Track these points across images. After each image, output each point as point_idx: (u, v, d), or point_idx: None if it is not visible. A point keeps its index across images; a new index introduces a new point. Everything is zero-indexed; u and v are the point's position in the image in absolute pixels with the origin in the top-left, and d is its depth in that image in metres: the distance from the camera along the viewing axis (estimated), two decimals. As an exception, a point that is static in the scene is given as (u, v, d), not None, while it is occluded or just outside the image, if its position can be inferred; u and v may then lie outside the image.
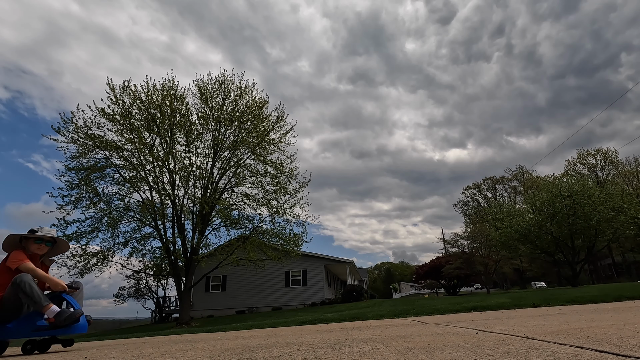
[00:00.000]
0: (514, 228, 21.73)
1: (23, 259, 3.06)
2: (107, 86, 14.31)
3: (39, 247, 3.24)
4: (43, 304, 2.92)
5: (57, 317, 2.91)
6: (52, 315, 2.91)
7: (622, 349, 1.21)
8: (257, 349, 2.12)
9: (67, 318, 2.91)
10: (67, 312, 2.96)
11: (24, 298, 2.91)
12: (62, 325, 2.91)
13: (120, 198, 14.63)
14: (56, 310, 2.93)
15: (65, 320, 2.90)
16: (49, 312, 2.92)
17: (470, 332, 2.22)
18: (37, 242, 3.24)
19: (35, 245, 3.23)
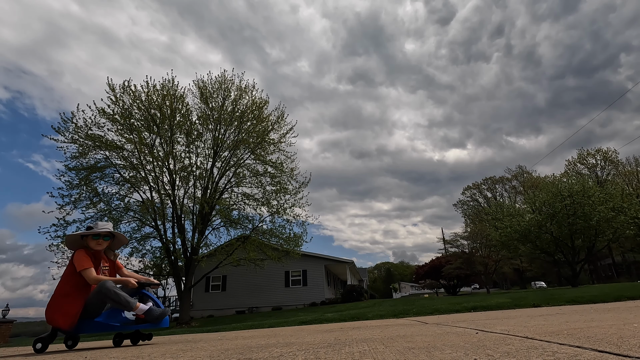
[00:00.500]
0: (514, 228, 21.73)
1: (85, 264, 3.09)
2: (107, 86, 14.33)
3: (97, 242, 3.27)
4: (132, 306, 3.03)
5: (147, 314, 3.06)
6: (142, 312, 3.06)
7: (622, 349, 1.21)
8: (257, 349, 2.12)
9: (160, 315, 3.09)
10: (157, 310, 3.11)
11: (112, 304, 3.03)
12: (153, 321, 3.07)
13: (120, 198, 14.63)
14: (145, 308, 3.06)
15: (157, 318, 3.07)
16: (138, 310, 3.06)
17: (470, 332, 2.23)
18: (94, 238, 3.27)
19: (93, 241, 3.26)
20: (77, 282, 3.07)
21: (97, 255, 3.27)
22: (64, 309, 2.99)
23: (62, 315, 2.97)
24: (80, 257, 3.09)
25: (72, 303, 3.01)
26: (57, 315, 2.98)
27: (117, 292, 3.00)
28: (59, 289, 3.07)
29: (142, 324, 3.10)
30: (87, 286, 3.11)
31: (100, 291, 2.99)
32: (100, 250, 3.31)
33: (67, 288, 3.05)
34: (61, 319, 2.96)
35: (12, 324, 17.28)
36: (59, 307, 3.00)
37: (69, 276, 3.09)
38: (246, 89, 16.51)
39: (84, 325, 3.05)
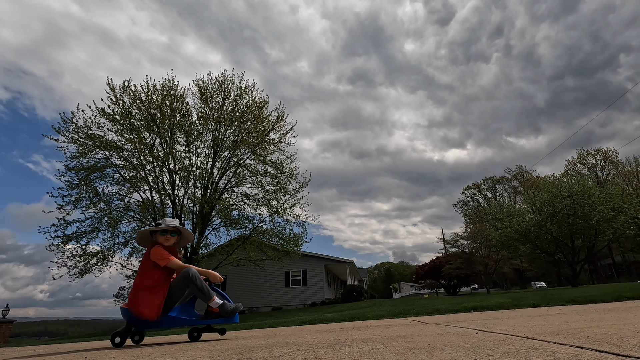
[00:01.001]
0: (514, 228, 21.73)
1: (167, 255, 3.20)
2: (107, 86, 14.34)
3: (165, 238, 3.33)
4: (211, 296, 3.12)
5: (221, 308, 3.12)
6: (216, 306, 3.11)
7: (622, 349, 1.21)
8: (257, 349, 2.12)
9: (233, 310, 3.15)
10: (230, 305, 3.17)
11: (194, 290, 3.11)
12: (226, 315, 3.12)
13: (120, 198, 14.63)
14: (219, 302, 3.13)
15: (230, 312, 3.13)
16: (213, 303, 3.11)
17: (470, 332, 2.22)
18: (162, 233, 3.34)
19: (162, 237, 3.33)
20: (158, 276, 3.16)
21: (171, 250, 3.35)
22: (148, 300, 3.08)
23: (148, 307, 3.06)
24: (161, 252, 3.20)
25: (156, 294, 3.10)
26: (142, 307, 3.07)
27: (201, 279, 3.10)
28: (139, 284, 3.17)
29: (216, 318, 3.14)
30: (167, 280, 3.20)
31: (187, 276, 3.07)
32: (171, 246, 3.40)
33: (150, 282, 3.14)
34: (147, 310, 3.05)
35: (12, 324, 17.29)
36: (143, 300, 3.09)
37: (149, 271, 3.18)
38: (246, 89, 16.52)
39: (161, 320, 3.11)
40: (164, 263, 3.15)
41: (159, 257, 3.16)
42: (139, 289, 3.15)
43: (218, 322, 3.18)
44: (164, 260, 3.15)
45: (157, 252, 3.19)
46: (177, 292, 3.18)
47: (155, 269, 3.17)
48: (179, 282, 3.14)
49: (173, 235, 3.39)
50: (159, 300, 3.09)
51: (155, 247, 3.23)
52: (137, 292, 3.14)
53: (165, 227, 3.33)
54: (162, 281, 3.17)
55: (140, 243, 3.51)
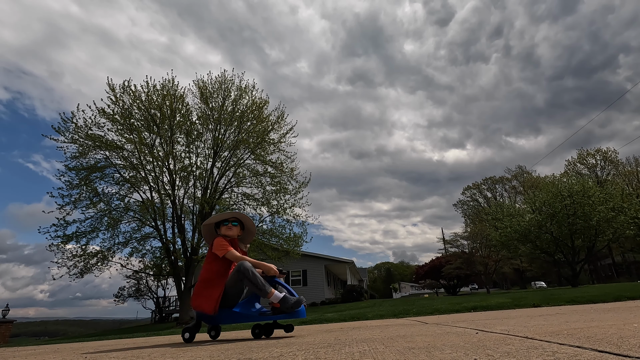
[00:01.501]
0: (514, 228, 21.73)
1: (226, 246, 3.12)
2: (107, 86, 14.33)
3: (227, 228, 3.28)
4: (268, 290, 2.96)
5: (282, 303, 2.94)
6: (277, 300, 2.95)
7: (622, 349, 1.21)
8: (257, 348, 2.12)
9: (295, 304, 2.94)
10: (292, 298, 2.97)
11: (247, 284, 2.99)
12: (288, 310, 2.94)
13: (120, 198, 14.63)
14: (280, 296, 2.96)
15: (292, 306, 2.94)
16: (273, 297, 2.96)
17: (470, 332, 2.22)
18: (224, 223, 3.30)
19: (224, 227, 3.28)
20: (217, 268, 3.11)
21: (234, 243, 3.30)
22: (206, 293, 3.03)
23: (205, 299, 3.00)
24: (221, 243, 3.14)
25: (214, 287, 3.04)
26: (200, 299, 3.03)
27: (254, 273, 2.98)
28: (200, 276, 3.14)
29: (278, 314, 2.97)
30: (226, 274, 3.12)
31: (239, 270, 2.98)
32: (233, 237, 3.33)
33: (209, 274, 3.10)
34: (204, 303, 3.00)
35: (12, 324, 17.28)
36: (201, 292, 3.05)
37: (210, 264, 3.14)
38: (246, 89, 16.51)
39: (223, 315, 3.04)
40: (222, 253, 3.08)
41: (218, 248, 3.10)
42: (200, 281, 3.12)
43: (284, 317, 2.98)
44: (222, 251, 3.08)
45: (218, 242, 3.14)
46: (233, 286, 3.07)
47: (216, 261, 3.12)
48: (233, 276, 3.05)
49: (234, 225, 3.31)
50: (216, 294, 3.00)
51: (217, 239, 3.18)
52: (198, 284, 3.12)
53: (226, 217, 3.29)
54: (222, 274, 3.10)
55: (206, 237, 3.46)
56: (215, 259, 3.12)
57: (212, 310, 2.97)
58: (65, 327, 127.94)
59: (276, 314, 2.98)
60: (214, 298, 2.99)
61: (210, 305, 2.97)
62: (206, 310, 2.99)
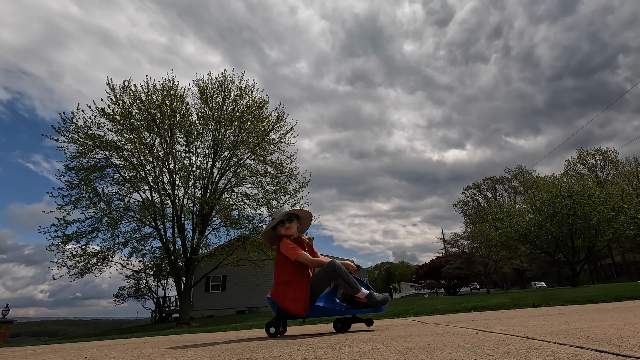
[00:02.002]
0: (514, 228, 21.74)
1: (296, 249, 3.10)
2: (107, 86, 14.35)
3: (285, 228, 3.25)
4: (358, 288, 3.00)
5: (369, 298, 3.00)
6: (364, 296, 3.00)
7: (622, 349, 1.21)
8: (257, 348, 2.12)
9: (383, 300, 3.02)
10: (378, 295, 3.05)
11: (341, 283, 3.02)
12: (375, 306, 3.01)
13: (120, 198, 14.63)
14: (366, 292, 3.01)
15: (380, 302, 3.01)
16: (361, 294, 3.01)
17: (470, 332, 2.22)
18: (280, 225, 3.25)
19: (282, 228, 3.25)
20: (293, 269, 3.10)
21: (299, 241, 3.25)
22: (290, 295, 3.03)
23: (293, 302, 3.00)
24: (290, 246, 3.11)
25: (298, 288, 3.03)
26: (287, 302, 3.04)
27: (346, 271, 3.01)
28: (278, 278, 3.14)
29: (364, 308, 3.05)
30: (303, 272, 3.12)
31: (333, 270, 2.99)
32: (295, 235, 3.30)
33: (287, 276, 3.09)
34: (293, 305, 3.00)
35: (12, 324, 17.29)
36: (285, 295, 3.06)
37: (284, 265, 3.13)
38: (246, 89, 16.52)
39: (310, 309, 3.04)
40: (294, 257, 3.07)
41: (288, 251, 3.09)
42: (279, 283, 3.12)
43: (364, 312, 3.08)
44: (293, 254, 3.07)
45: (286, 245, 3.12)
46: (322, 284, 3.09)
47: (289, 261, 3.11)
48: (324, 275, 3.05)
49: (290, 221, 3.28)
50: (302, 294, 3.00)
51: (284, 241, 3.15)
52: (278, 286, 3.12)
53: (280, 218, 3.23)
54: (298, 273, 3.10)
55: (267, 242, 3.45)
56: (287, 260, 3.12)
57: (304, 311, 2.97)
58: (65, 327, 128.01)
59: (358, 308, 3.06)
60: (302, 299, 2.99)
61: (300, 306, 2.98)
62: (298, 312, 2.99)
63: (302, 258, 3.07)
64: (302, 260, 3.07)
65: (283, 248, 3.11)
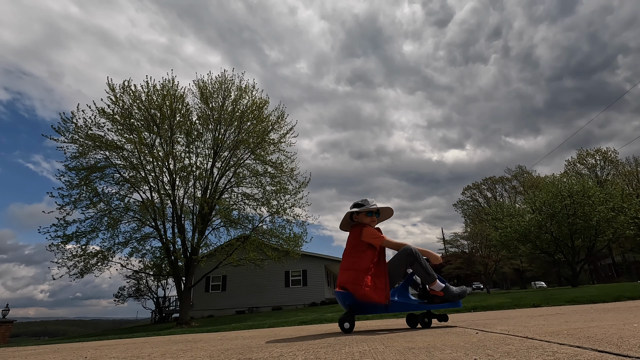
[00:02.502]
0: (513, 228, 21.74)
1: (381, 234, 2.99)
2: (107, 86, 14.33)
3: (371, 219, 3.15)
4: (435, 277, 2.84)
5: (445, 292, 2.82)
6: (439, 289, 2.83)
7: (622, 349, 1.21)
8: (257, 349, 2.12)
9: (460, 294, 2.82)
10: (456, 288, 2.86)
11: (417, 269, 2.87)
12: (453, 300, 2.83)
13: (120, 198, 14.63)
14: (442, 285, 2.84)
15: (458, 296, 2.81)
16: (436, 286, 2.84)
17: (470, 332, 2.22)
18: (369, 215, 3.15)
19: (368, 218, 3.15)
20: (372, 257, 2.97)
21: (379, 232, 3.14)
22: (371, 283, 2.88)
23: (374, 290, 2.85)
24: (374, 232, 3.01)
25: (378, 277, 2.90)
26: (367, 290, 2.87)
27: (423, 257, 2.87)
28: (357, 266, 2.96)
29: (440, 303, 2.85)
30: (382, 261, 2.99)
31: (410, 253, 2.86)
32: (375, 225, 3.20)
33: (367, 263, 2.94)
34: (374, 294, 2.84)
35: (12, 324, 17.30)
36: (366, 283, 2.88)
37: (363, 252, 3.00)
38: (246, 89, 16.51)
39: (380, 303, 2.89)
40: (379, 242, 2.96)
41: (373, 237, 2.97)
42: (359, 271, 2.92)
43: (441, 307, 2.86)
44: (379, 240, 2.96)
45: (370, 232, 3.01)
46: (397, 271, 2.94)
47: (369, 249, 2.98)
48: (400, 259, 2.92)
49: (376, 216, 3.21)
50: (383, 283, 2.86)
51: (367, 228, 3.05)
52: (357, 274, 2.91)
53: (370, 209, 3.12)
54: (377, 262, 2.97)
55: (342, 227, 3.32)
56: (368, 247, 2.99)
57: (385, 299, 2.81)
58: (65, 327, 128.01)
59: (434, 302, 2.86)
60: (382, 287, 2.85)
61: (381, 294, 2.82)
62: (378, 300, 2.82)
63: (386, 243, 2.99)
64: (387, 244, 2.99)
65: (366, 235, 3.00)
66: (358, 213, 3.17)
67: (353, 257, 3.02)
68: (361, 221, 3.16)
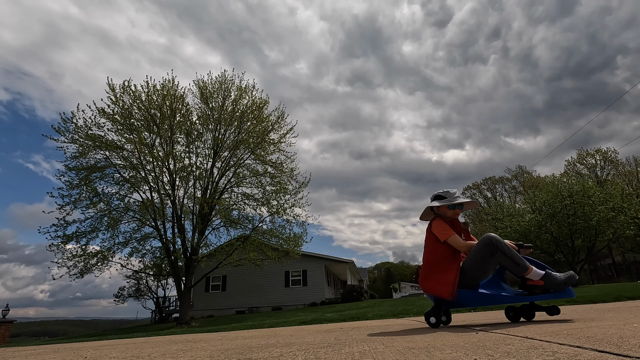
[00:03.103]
0: (514, 228, 21.74)
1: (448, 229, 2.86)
2: (107, 86, 14.34)
3: (454, 212, 3.01)
4: (527, 266, 2.60)
5: (545, 280, 2.56)
6: (538, 278, 2.59)
7: (622, 349, 1.21)
8: (257, 349, 2.12)
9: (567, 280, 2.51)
10: (560, 275, 2.57)
11: (501, 259, 2.63)
12: (557, 288, 2.53)
13: (120, 198, 14.63)
14: (541, 273, 2.59)
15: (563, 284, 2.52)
16: (532, 274, 2.60)
17: (470, 332, 2.22)
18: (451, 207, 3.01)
19: (451, 210, 3.01)
20: (444, 251, 2.85)
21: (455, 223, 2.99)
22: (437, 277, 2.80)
23: (439, 284, 2.77)
24: (442, 226, 2.88)
25: (446, 271, 2.78)
26: (430, 283, 2.82)
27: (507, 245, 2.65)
28: (427, 259, 2.93)
29: (542, 293, 2.55)
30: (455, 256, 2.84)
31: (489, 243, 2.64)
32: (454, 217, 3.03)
33: (436, 257, 2.87)
34: (438, 287, 2.76)
35: (12, 324, 17.28)
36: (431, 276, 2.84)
37: (433, 245, 2.91)
38: (246, 89, 16.52)
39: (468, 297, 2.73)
40: (443, 238, 2.83)
41: (441, 231, 2.86)
42: (428, 265, 2.90)
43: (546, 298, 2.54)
44: (443, 235, 2.83)
45: (438, 225, 2.90)
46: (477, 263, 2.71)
47: (439, 242, 2.87)
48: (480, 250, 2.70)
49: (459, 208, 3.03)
50: (451, 278, 2.72)
51: (437, 220, 2.94)
52: (427, 268, 2.90)
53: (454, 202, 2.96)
54: (449, 256, 2.83)
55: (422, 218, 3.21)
56: (438, 240, 2.88)
57: (449, 295, 2.70)
58: (65, 327, 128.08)
59: (535, 294, 2.59)
60: (449, 282, 2.72)
61: (446, 290, 2.71)
62: (442, 294, 2.73)
63: (452, 240, 2.81)
64: (452, 242, 2.82)
65: (435, 227, 2.91)
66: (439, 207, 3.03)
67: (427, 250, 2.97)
68: (444, 214, 3.03)
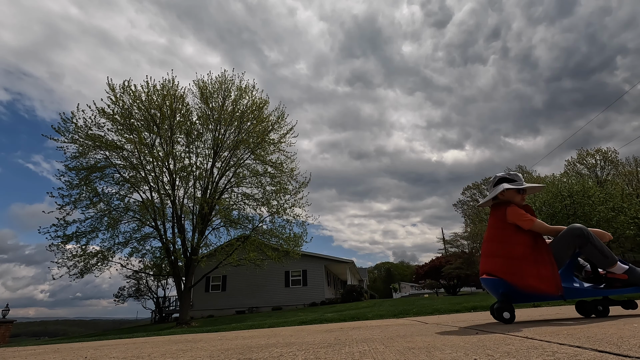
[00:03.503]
0: (514, 228, 21.70)
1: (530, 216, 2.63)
2: (107, 86, 14.34)
3: (522, 197, 2.79)
4: (614, 259, 2.48)
5: (630, 274, 2.44)
6: (621, 271, 2.46)
7: (622, 349, 1.21)
8: (257, 349, 2.12)
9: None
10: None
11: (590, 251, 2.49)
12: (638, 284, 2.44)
13: (120, 198, 14.64)
14: (625, 267, 2.46)
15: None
16: (616, 268, 2.47)
17: (470, 332, 2.22)
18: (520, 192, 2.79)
19: (519, 195, 2.78)
20: (528, 241, 2.60)
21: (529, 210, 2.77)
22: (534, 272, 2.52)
23: (541, 281, 2.49)
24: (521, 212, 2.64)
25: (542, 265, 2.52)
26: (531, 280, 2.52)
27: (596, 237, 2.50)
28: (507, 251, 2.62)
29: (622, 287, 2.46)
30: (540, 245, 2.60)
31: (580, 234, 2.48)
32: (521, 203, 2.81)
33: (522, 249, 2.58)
34: (542, 284, 2.49)
35: (12, 324, 17.28)
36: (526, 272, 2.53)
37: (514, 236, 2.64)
38: (246, 89, 16.53)
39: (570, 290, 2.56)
40: (528, 225, 2.58)
41: (521, 218, 2.60)
42: (513, 259, 2.58)
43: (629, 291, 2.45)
44: (528, 222, 2.58)
45: (516, 212, 2.64)
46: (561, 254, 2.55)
47: (520, 232, 2.62)
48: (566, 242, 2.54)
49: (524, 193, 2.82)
50: (549, 271, 2.48)
51: (513, 207, 2.67)
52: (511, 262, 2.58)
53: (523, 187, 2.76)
54: (536, 246, 2.58)
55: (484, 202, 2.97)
56: (517, 230, 2.63)
57: (557, 289, 2.45)
58: (65, 327, 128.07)
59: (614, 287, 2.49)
60: (549, 276, 2.48)
61: (551, 284, 2.46)
62: (548, 290, 2.48)
63: (537, 226, 2.59)
64: (538, 228, 2.59)
65: (512, 215, 2.64)
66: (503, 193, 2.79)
67: (500, 242, 2.67)
68: (511, 199, 2.78)
